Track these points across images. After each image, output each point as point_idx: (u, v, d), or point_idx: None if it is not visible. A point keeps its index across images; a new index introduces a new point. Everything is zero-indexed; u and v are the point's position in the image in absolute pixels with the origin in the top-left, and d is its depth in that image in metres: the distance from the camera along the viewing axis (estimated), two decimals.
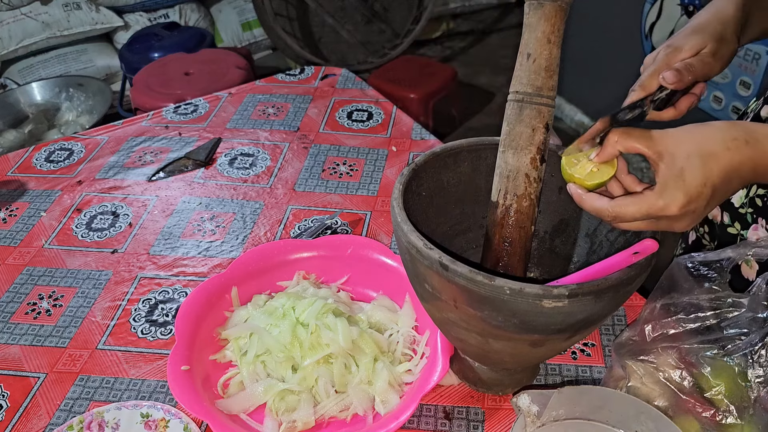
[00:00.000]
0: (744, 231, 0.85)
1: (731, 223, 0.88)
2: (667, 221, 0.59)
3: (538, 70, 0.67)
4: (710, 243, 0.95)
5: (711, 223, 0.93)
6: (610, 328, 0.88)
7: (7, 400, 0.81)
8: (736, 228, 0.87)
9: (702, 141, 0.58)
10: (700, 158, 0.57)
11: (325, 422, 0.77)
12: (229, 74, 2.18)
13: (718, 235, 0.90)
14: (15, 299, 0.95)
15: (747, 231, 0.85)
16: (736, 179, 0.59)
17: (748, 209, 0.84)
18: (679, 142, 0.58)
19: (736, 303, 0.66)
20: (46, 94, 2.60)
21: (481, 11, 3.90)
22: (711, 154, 0.57)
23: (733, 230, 0.87)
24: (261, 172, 1.20)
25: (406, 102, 2.57)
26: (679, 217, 0.58)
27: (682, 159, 0.57)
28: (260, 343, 0.80)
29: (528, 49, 0.67)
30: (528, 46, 0.67)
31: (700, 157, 0.57)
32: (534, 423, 0.66)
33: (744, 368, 0.63)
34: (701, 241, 0.96)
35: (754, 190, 0.83)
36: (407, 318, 0.85)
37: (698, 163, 0.57)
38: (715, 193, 0.58)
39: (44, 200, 1.14)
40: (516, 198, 0.69)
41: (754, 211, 0.84)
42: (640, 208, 0.58)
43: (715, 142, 0.58)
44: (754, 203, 0.84)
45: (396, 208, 0.67)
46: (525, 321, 0.60)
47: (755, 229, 0.84)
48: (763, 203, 0.82)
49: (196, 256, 1.02)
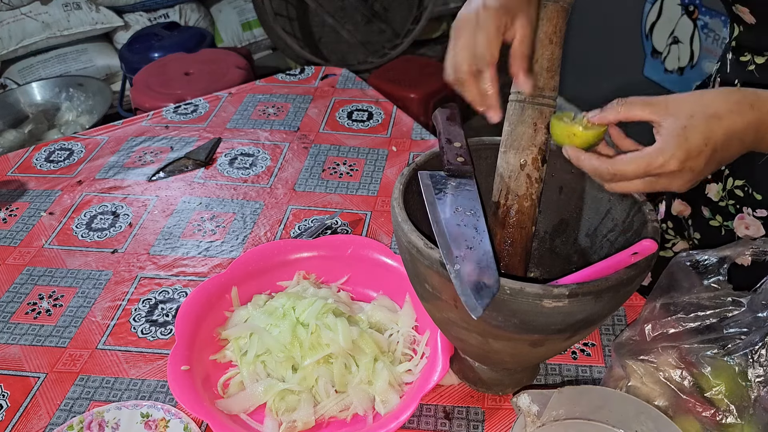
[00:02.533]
0: (728, 222, 0.87)
1: (712, 216, 0.89)
2: (666, 179, 0.58)
3: (539, 70, 0.67)
4: (675, 237, 0.97)
5: (676, 219, 0.94)
6: (610, 328, 0.88)
7: (7, 400, 0.81)
8: (718, 220, 0.88)
9: (706, 103, 0.58)
10: (703, 118, 0.57)
11: (325, 422, 0.77)
12: (229, 74, 2.18)
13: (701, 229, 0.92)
14: (15, 299, 0.95)
15: (731, 222, 0.86)
16: (737, 142, 0.59)
17: (729, 201, 0.85)
18: (683, 103, 0.58)
19: (736, 302, 0.66)
20: (46, 94, 2.60)
21: None
22: (715, 115, 0.57)
23: (715, 222, 0.89)
24: (261, 172, 1.20)
25: (406, 102, 2.56)
26: (678, 174, 0.58)
27: (685, 118, 0.57)
28: (260, 343, 0.80)
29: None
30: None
31: (704, 117, 0.57)
32: (534, 423, 0.66)
33: (744, 368, 0.63)
34: (664, 236, 0.97)
35: (731, 182, 0.84)
36: (407, 318, 0.85)
37: (701, 122, 0.57)
38: (714, 154, 0.58)
39: (44, 200, 1.14)
40: (517, 198, 0.69)
41: (735, 201, 0.85)
42: (639, 165, 0.58)
43: (720, 104, 0.58)
44: (734, 195, 0.85)
45: (396, 208, 0.67)
46: (525, 321, 0.60)
47: (741, 218, 0.85)
48: (745, 193, 0.83)
49: (196, 256, 1.02)
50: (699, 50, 2.12)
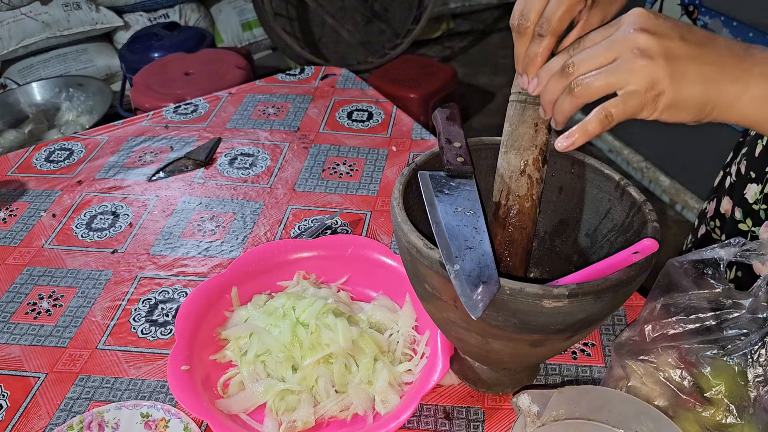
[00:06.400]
0: (756, 228, 0.83)
1: (743, 219, 0.85)
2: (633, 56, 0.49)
3: None
4: (720, 237, 0.91)
5: (722, 217, 0.90)
6: (610, 328, 0.88)
7: (7, 400, 0.81)
8: (747, 224, 0.85)
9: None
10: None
11: (325, 422, 0.77)
12: (229, 74, 2.18)
13: (728, 230, 0.88)
14: (15, 299, 0.95)
15: (759, 228, 0.83)
16: (722, 41, 0.51)
17: (762, 205, 0.82)
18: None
19: (736, 304, 0.66)
20: (46, 94, 2.60)
21: (481, 11, 3.90)
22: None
23: (744, 227, 0.85)
24: (261, 172, 1.20)
25: (406, 102, 2.57)
26: (645, 33, 0.48)
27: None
28: (260, 343, 0.80)
29: None
30: None
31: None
32: (534, 423, 0.66)
33: (744, 368, 0.63)
34: (711, 236, 0.94)
35: None
36: (407, 318, 0.85)
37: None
38: (690, 31, 0.50)
39: (44, 200, 1.14)
40: (518, 199, 0.69)
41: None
42: (599, 31, 0.52)
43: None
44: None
45: (396, 208, 0.67)
46: (525, 321, 0.60)
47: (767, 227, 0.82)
48: None
49: (196, 256, 1.02)
50: None
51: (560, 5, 0.53)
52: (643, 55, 0.48)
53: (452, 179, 0.70)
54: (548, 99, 0.55)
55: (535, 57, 0.56)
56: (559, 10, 0.53)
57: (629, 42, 0.49)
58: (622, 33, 0.50)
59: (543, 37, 0.55)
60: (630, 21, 0.50)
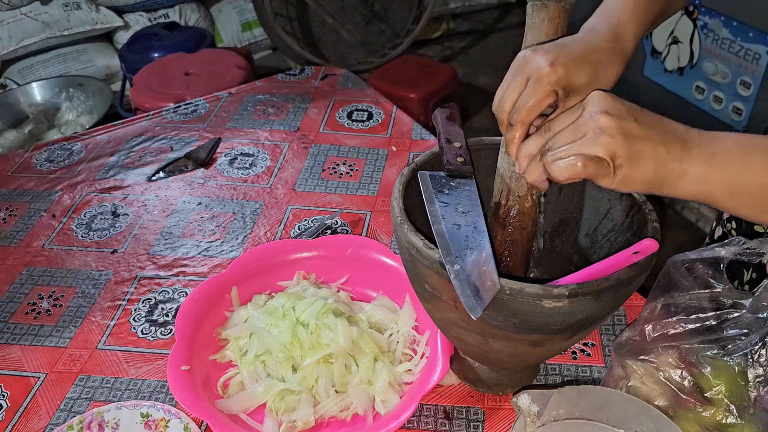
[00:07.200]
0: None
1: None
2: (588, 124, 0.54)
3: None
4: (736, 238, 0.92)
5: (738, 219, 0.90)
6: (610, 328, 0.88)
7: (7, 400, 0.81)
8: (763, 226, 0.85)
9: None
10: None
11: (325, 422, 0.77)
12: (229, 74, 2.18)
13: (744, 231, 0.88)
14: (15, 299, 0.95)
15: None
16: (668, 121, 0.56)
17: None
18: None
19: (736, 304, 0.66)
20: (46, 94, 2.60)
21: (481, 11, 3.90)
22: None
23: (760, 228, 0.86)
24: (261, 172, 1.20)
25: (406, 102, 2.56)
26: (606, 115, 0.54)
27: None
28: (260, 343, 0.80)
29: None
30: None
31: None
32: (534, 423, 0.66)
33: (744, 368, 0.63)
34: (727, 238, 0.94)
35: None
36: (407, 318, 0.85)
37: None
38: (641, 112, 0.55)
39: (44, 200, 1.14)
40: (518, 199, 0.69)
41: None
42: (565, 115, 0.57)
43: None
44: None
45: (396, 208, 0.67)
46: (525, 321, 0.60)
47: None
48: None
49: (196, 256, 1.02)
50: (699, 50, 2.12)
51: (530, 98, 0.59)
52: (605, 134, 0.54)
53: (452, 179, 0.70)
54: (530, 179, 0.61)
55: (511, 140, 0.62)
56: (528, 104, 0.59)
57: (593, 122, 0.55)
58: (587, 115, 0.55)
59: (513, 126, 0.61)
60: (593, 103, 0.56)
